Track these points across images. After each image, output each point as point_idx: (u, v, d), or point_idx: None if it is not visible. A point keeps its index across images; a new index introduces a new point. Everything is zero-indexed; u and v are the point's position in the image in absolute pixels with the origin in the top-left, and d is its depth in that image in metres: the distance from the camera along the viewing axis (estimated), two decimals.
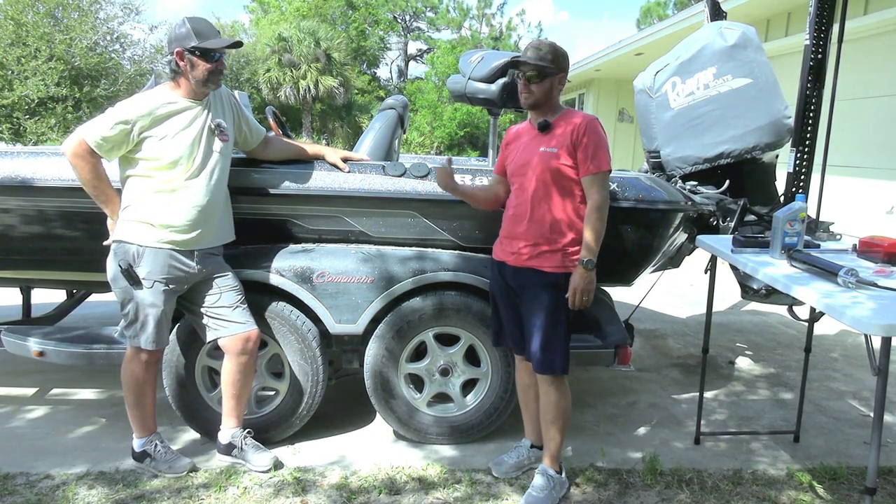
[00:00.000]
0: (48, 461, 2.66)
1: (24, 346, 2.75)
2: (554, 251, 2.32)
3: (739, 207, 3.18)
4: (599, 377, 3.80)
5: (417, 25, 30.83)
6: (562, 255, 2.32)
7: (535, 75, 2.30)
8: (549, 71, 2.31)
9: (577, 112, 2.39)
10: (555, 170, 2.29)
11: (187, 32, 2.37)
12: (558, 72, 2.34)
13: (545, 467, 2.47)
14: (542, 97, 2.34)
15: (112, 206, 2.43)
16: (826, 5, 3.13)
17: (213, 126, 2.49)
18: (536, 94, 2.33)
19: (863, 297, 1.88)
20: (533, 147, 2.37)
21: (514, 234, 2.39)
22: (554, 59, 2.31)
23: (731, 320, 5.14)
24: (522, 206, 2.36)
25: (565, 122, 2.34)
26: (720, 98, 3.20)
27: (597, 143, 2.29)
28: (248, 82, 21.69)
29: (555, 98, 2.38)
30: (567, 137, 2.29)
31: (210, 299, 2.52)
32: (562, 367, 2.38)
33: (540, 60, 2.29)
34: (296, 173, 2.79)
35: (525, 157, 2.38)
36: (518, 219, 2.38)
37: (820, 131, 3.21)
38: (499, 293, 2.50)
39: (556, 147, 2.31)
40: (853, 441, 3.06)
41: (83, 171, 2.35)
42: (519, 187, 2.40)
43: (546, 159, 2.31)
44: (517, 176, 2.41)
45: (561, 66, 2.34)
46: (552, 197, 2.32)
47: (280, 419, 2.78)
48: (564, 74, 2.37)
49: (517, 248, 2.37)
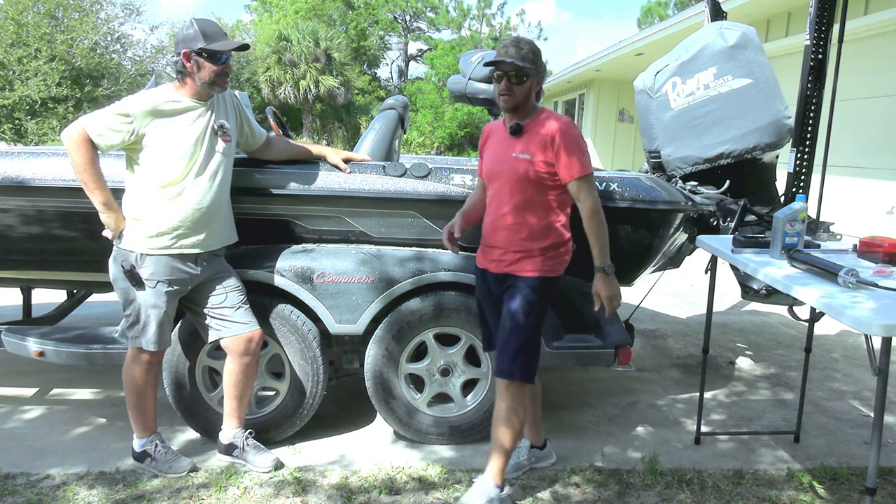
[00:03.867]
0: (48, 461, 2.66)
1: (23, 346, 2.75)
2: (532, 257, 2.26)
3: (740, 208, 3.19)
4: (599, 377, 3.80)
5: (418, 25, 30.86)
6: (541, 260, 2.26)
7: (516, 75, 2.19)
8: (530, 71, 2.20)
9: (550, 114, 2.29)
10: (528, 176, 2.21)
11: (195, 34, 2.37)
12: (538, 72, 2.24)
13: (487, 479, 2.31)
14: (523, 99, 2.23)
15: (100, 197, 2.36)
16: (826, 5, 3.13)
17: (216, 127, 2.49)
18: (518, 95, 2.21)
19: (863, 297, 1.87)
20: (505, 151, 2.28)
21: (492, 242, 2.33)
22: (535, 58, 2.22)
23: (732, 320, 5.14)
24: (497, 214, 2.30)
25: (539, 125, 2.24)
26: (720, 98, 3.20)
27: (575, 147, 2.20)
28: (249, 82, 21.71)
29: (532, 100, 2.28)
30: (541, 143, 2.20)
31: (213, 300, 2.52)
32: (521, 375, 2.25)
33: (522, 60, 2.18)
34: (297, 174, 2.79)
35: (497, 163, 2.30)
36: (495, 227, 2.32)
37: (820, 131, 3.22)
38: (484, 300, 2.44)
39: (529, 153, 2.21)
40: (853, 441, 3.06)
41: (78, 157, 2.31)
42: (494, 193, 2.33)
43: (519, 166, 2.22)
44: (491, 181, 2.34)
45: (541, 67, 2.25)
46: (527, 204, 2.25)
47: (280, 419, 2.78)
48: (543, 75, 2.29)
49: (497, 255, 2.32)
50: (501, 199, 2.29)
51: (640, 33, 11.36)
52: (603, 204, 2.84)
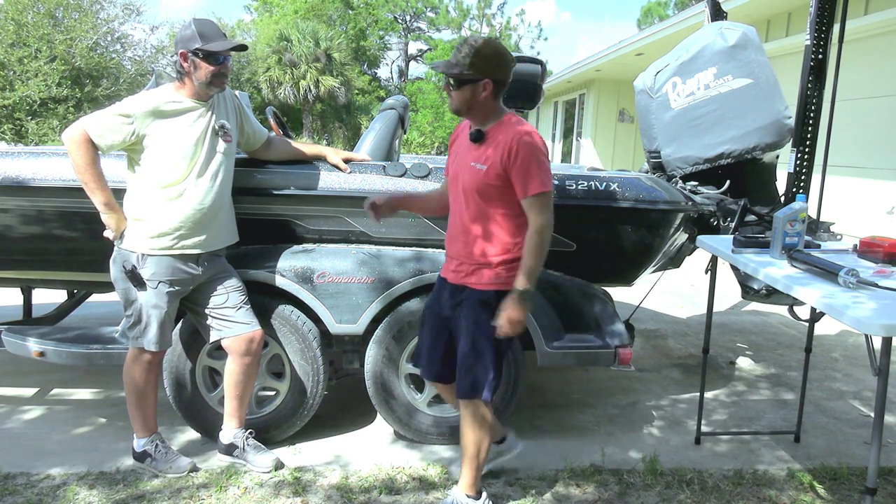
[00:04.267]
0: (48, 461, 2.66)
1: (24, 346, 2.75)
2: (489, 268, 2.14)
3: (740, 208, 3.19)
4: (599, 377, 3.80)
5: (418, 25, 30.86)
6: (495, 273, 2.13)
7: (454, 80, 2.06)
8: (466, 77, 2.04)
9: (514, 121, 2.11)
10: (482, 190, 2.09)
11: (192, 34, 2.37)
12: (481, 77, 2.04)
13: (457, 491, 2.29)
14: (463, 105, 2.09)
15: (101, 197, 2.37)
16: (826, 5, 3.13)
17: (217, 127, 2.49)
18: (456, 101, 2.09)
19: (863, 297, 1.87)
20: (465, 159, 2.15)
21: (451, 251, 2.25)
22: (474, 62, 2.02)
23: (732, 320, 5.14)
24: (455, 225, 2.21)
25: (501, 132, 2.08)
26: (721, 98, 3.20)
27: (532, 162, 2.03)
28: (249, 82, 21.72)
29: (486, 105, 2.09)
30: (498, 156, 2.05)
31: (214, 300, 2.52)
32: (486, 391, 2.17)
33: (454, 66, 2.04)
34: (297, 174, 2.79)
35: (457, 169, 2.19)
36: (453, 238, 2.23)
37: (820, 131, 3.21)
38: (431, 310, 2.34)
39: (486, 164, 2.07)
40: (854, 441, 3.06)
41: (79, 158, 2.31)
42: (453, 199, 2.22)
43: (475, 176, 2.09)
44: (451, 187, 2.24)
45: (485, 70, 2.03)
46: (482, 216, 2.12)
47: (281, 419, 2.78)
48: (493, 80, 2.05)
49: (455, 265, 2.22)
50: (459, 207, 2.19)
51: (640, 33, 11.35)
52: (603, 204, 2.87)
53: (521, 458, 2.67)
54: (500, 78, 2.08)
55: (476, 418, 2.21)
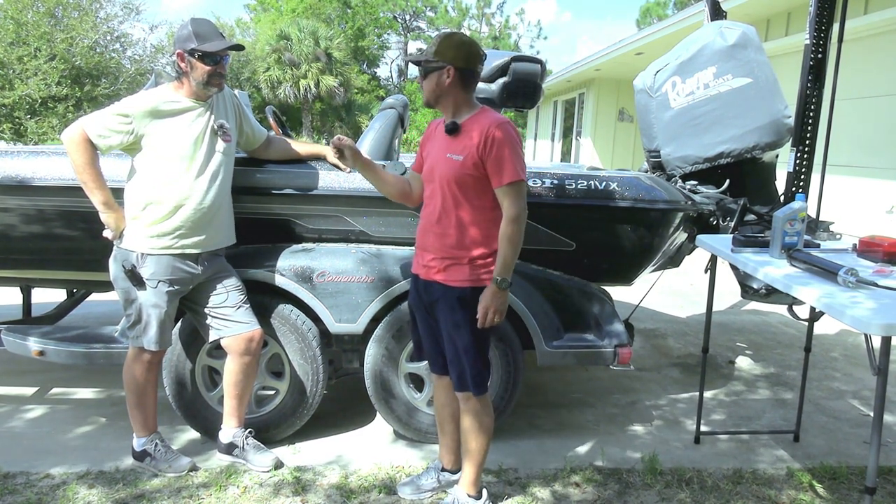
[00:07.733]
0: (48, 461, 2.66)
1: (24, 345, 2.75)
2: (461, 264, 2.14)
3: (739, 207, 3.19)
4: (599, 377, 3.81)
5: (417, 25, 30.86)
6: (469, 269, 2.13)
7: (423, 70, 2.12)
8: (431, 65, 2.09)
9: (488, 115, 2.14)
10: (459, 180, 2.10)
11: (188, 34, 2.37)
12: (445, 64, 2.07)
13: (459, 490, 2.32)
14: (432, 95, 2.14)
15: (100, 196, 2.37)
16: (826, 5, 3.13)
17: (216, 127, 2.49)
18: (426, 91, 2.15)
19: (863, 296, 1.88)
20: (441, 151, 2.17)
21: (423, 245, 2.23)
22: (438, 50, 2.07)
23: (732, 320, 5.14)
24: (430, 217, 2.20)
25: (476, 123, 2.11)
26: (720, 98, 3.20)
27: (506, 152, 2.05)
28: (249, 81, 21.70)
29: (453, 95, 2.13)
30: (473, 146, 2.07)
31: (214, 299, 2.52)
32: (474, 387, 2.18)
33: (421, 55, 2.11)
34: (297, 173, 2.79)
35: (433, 162, 2.20)
36: (426, 230, 2.21)
37: (820, 131, 3.21)
38: (415, 307, 2.34)
39: (462, 155, 2.09)
40: (853, 440, 3.06)
41: (78, 157, 2.32)
42: (428, 195, 2.23)
43: (451, 168, 2.11)
44: (426, 181, 2.24)
45: (448, 57, 2.07)
46: (458, 208, 2.12)
47: (280, 418, 2.78)
48: (456, 68, 2.08)
49: (427, 260, 2.20)
50: (434, 201, 2.18)
51: (639, 33, 11.35)
52: (603, 203, 2.87)
53: (521, 457, 2.67)
54: (465, 67, 2.10)
55: (472, 413, 2.23)
